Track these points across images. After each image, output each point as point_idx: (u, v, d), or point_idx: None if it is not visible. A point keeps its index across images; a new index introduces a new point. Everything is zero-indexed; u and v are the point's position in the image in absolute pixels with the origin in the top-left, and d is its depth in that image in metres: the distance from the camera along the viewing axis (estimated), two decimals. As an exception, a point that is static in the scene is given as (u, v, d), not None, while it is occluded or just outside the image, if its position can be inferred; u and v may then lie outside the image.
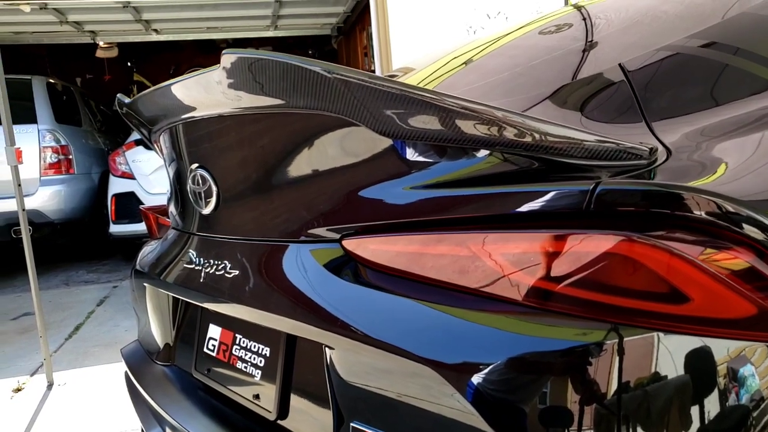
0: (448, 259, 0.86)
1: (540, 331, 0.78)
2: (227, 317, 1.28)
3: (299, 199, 1.06)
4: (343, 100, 0.89)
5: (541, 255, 0.78)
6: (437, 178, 0.89)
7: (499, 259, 0.82)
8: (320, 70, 0.87)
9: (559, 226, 0.78)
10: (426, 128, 0.84)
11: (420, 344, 0.84)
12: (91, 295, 4.60)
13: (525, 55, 1.41)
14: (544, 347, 0.76)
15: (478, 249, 0.83)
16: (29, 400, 2.72)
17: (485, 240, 0.83)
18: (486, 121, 0.80)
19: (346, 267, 0.98)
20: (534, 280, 0.78)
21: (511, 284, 0.80)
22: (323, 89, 0.90)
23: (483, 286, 0.82)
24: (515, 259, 0.80)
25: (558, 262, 0.76)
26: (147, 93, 1.28)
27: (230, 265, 1.16)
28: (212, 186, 1.19)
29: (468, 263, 0.84)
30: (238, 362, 1.24)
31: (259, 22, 7.32)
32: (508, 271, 0.80)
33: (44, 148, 5.30)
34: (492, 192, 0.85)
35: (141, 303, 1.66)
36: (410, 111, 0.83)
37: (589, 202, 0.75)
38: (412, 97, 0.82)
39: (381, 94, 0.84)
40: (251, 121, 1.08)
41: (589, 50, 1.25)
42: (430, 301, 0.86)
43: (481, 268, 0.83)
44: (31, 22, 6.69)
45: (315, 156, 1.03)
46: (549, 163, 0.83)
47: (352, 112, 0.89)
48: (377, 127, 0.88)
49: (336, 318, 0.93)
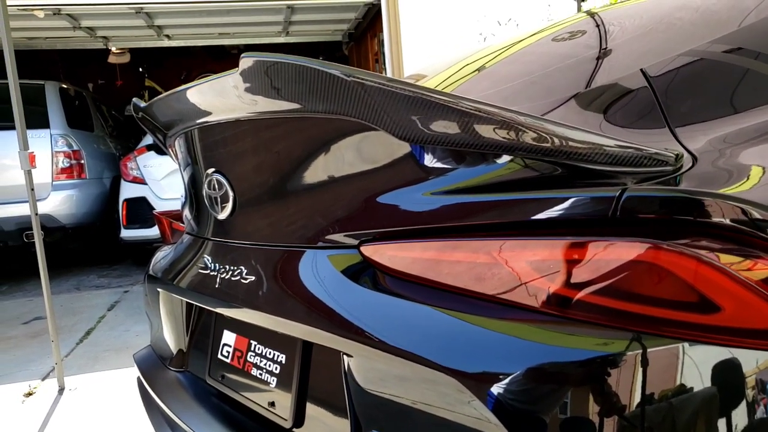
0: (468, 266, 0.85)
1: (563, 341, 0.77)
2: (242, 323, 1.27)
3: (316, 205, 1.06)
4: (362, 104, 0.88)
5: (565, 262, 0.76)
6: (457, 184, 0.88)
7: (521, 267, 0.80)
8: (339, 74, 0.87)
9: (584, 233, 0.77)
10: (447, 133, 0.83)
11: (440, 352, 0.82)
12: (102, 299, 4.61)
13: (541, 61, 1.40)
14: (567, 357, 0.75)
15: (499, 256, 0.82)
16: (41, 404, 2.72)
17: (507, 247, 0.82)
18: (509, 126, 0.79)
19: (365, 273, 0.97)
20: (558, 288, 0.76)
21: (533, 292, 0.78)
22: (342, 93, 0.89)
23: (504, 294, 0.81)
24: (538, 266, 0.78)
25: (582, 270, 0.75)
26: (163, 97, 1.28)
27: (246, 271, 1.16)
28: (228, 191, 1.18)
29: (489, 270, 0.83)
30: (253, 369, 1.23)
31: (270, 28, 7.35)
32: (530, 279, 0.79)
33: (56, 153, 5.33)
34: (514, 198, 0.83)
35: (154, 308, 1.66)
36: (431, 115, 0.82)
37: (615, 208, 0.74)
38: (433, 101, 0.81)
39: (402, 98, 0.83)
40: (268, 126, 1.08)
41: (607, 56, 1.23)
42: (450, 309, 0.85)
43: (503, 276, 0.82)
44: (44, 27, 6.76)
45: (333, 161, 1.02)
46: (572, 168, 0.82)
47: (372, 117, 0.89)
48: (397, 131, 0.87)
49: (354, 325, 0.92)
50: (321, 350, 1.06)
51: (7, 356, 3.40)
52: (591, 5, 4.45)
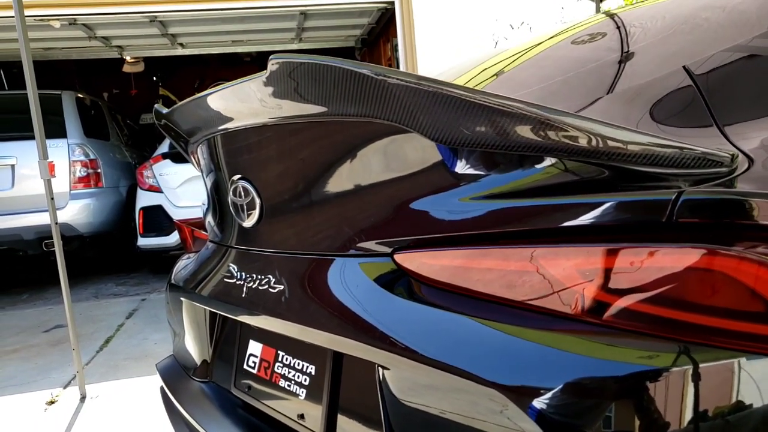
0: (510, 275, 0.81)
1: (610, 353, 0.73)
2: (269, 333, 1.24)
3: (347, 212, 1.03)
4: (395, 106, 0.85)
5: (617, 270, 0.73)
6: (497, 188, 0.85)
7: (567, 275, 0.77)
8: (371, 74, 0.84)
9: (636, 239, 0.73)
10: (488, 134, 0.79)
11: (480, 365, 0.79)
12: (120, 307, 4.61)
13: (571, 60, 1.36)
14: (615, 371, 0.71)
15: (543, 264, 0.78)
16: (63, 412, 2.72)
17: (552, 254, 0.78)
18: (554, 127, 0.75)
19: (399, 282, 0.94)
20: (609, 298, 0.73)
21: (581, 302, 0.75)
22: (374, 94, 0.86)
23: (549, 305, 0.77)
24: (586, 275, 0.75)
25: (635, 278, 0.71)
26: (186, 103, 1.25)
27: (274, 280, 1.13)
28: (255, 198, 1.16)
29: (532, 280, 0.79)
30: (281, 380, 1.20)
31: (283, 34, 7.36)
32: (577, 289, 0.75)
33: (74, 162, 5.36)
34: (558, 203, 0.80)
35: (177, 317, 1.64)
36: (472, 116, 0.79)
37: (671, 212, 0.70)
38: (474, 102, 0.78)
39: (439, 99, 0.80)
40: (297, 130, 1.05)
41: (642, 54, 1.19)
42: (490, 320, 0.81)
43: (547, 285, 0.78)
44: (60, 37, 6.82)
45: (363, 166, 0.99)
46: (619, 171, 0.78)
47: (406, 119, 0.85)
48: (433, 134, 0.84)
49: (390, 336, 0.89)
50: (353, 361, 1.03)
51: (29, 364, 3.41)
52: (608, 6, 4.39)
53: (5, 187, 5.15)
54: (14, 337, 3.98)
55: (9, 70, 7.81)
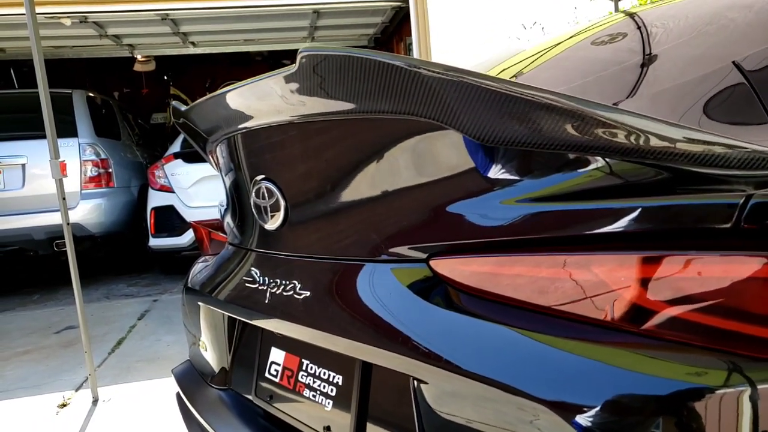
0: (557, 284, 0.76)
1: (666, 369, 0.68)
2: (292, 341, 1.19)
3: (378, 214, 0.98)
4: (434, 102, 0.80)
5: (679, 280, 0.67)
6: (545, 190, 0.79)
7: (621, 285, 0.71)
8: (406, 66, 0.79)
9: (699, 246, 0.68)
10: (537, 133, 0.74)
11: (526, 379, 0.74)
12: (132, 308, 4.59)
13: (605, 58, 1.31)
14: (670, 388, 0.66)
15: (598, 272, 0.73)
16: (75, 416, 2.68)
17: (604, 262, 0.73)
18: (609, 125, 0.70)
19: (436, 290, 0.88)
20: (669, 310, 0.68)
21: (638, 315, 0.70)
22: (410, 89, 0.81)
23: (601, 316, 0.72)
24: (644, 284, 0.69)
25: (699, 287, 0.66)
26: (207, 100, 1.21)
27: (300, 286, 1.08)
28: (279, 200, 1.11)
29: (583, 289, 0.74)
30: (306, 390, 1.15)
31: (296, 33, 7.32)
32: (633, 299, 0.70)
33: (85, 162, 5.33)
34: (612, 206, 0.74)
35: (193, 322, 1.59)
36: (518, 113, 0.74)
37: (738, 217, 0.65)
38: (521, 98, 0.72)
39: (483, 94, 0.75)
40: (325, 128, 1.00)
41: (684, 50, 1.14)
42: (536, 331, 0.76)
43: (599, 295, 0.73)
44: (71, 36, 6.81)
45: (396, 166, 0.94)
46: (679, 173, 0.72)
47: (445, 116, 0.80)
48: (475, 131, 0.79)
49: (426, 348, 0.84)
50: (383, 372, 0.98)
51: (41, 366, 3.38)
52: (624, 6, 4.32)
53: (16, 186, 5.13)
54: (25, 338, 3.95)
55: (19, 69, 7.82)
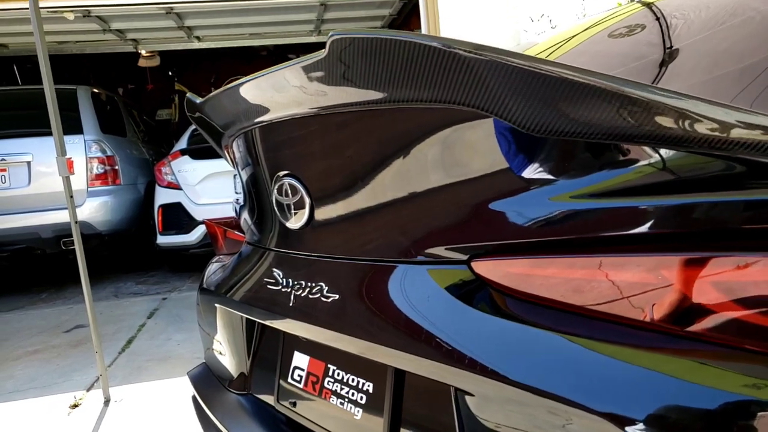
0: (619, 288, 0.70)
1: (740, 384, 0.61)
2: (317, 345, 1.13)
3: (414, 212, 0.91)
4: (479, 88, 0.73)
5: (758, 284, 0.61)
6: (603, 185, 0.72)
7: (692, 288, 0.65)
8: (448, 48, 0.72)
9: None
10: (596, 123, 0.67)
11: (585, 392, 0.68)
12: (140, 307, 4.54)
13: (645, 43, 1.23)
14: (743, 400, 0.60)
15: (666, 275, 0.66)
16: (87, 416, 2.64)
17: (676, 264, 0.66)
18: (677, 113, 0.63)
19: (479, 294, 0.82)
20: (745, 315, 0.61)
21: (712, 322, 0.63)
22: (453, 74, 0.74)
23: (670, 324, 0.66)
24: (720, 288, 0.63)
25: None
26: (225, 91, 1.14)
27: (327, 288, 1.01)
28: (304, 197, 1.04)
29: (648, 293, 0.68)
30: (332, 397, 1.09)
31: (302, 27, 7.24)
32: (706, 304, 0.63)
33: (91, 159, 5.28)
34: (680, 203, 0.67)
35: (209, 324, 1.53)
36: (577, 100, 0.67)
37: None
38: (582, 83, 0.65)
39: (535, 79, 0.68)
40: (356, 120, 0.93)
41: (733, 31, 1.06)
42: (597, 340, 0.70)
43: (666, 299, 0.66)
44: (74, 30, 6.74)
45: (434, 160, 0.87)
46: (756, 165, 0.65)
47: (490, 104, 0.74)
48: (524, 121, 0.72)
49: (470, 356, 0.78)
50: (419, 381, 0.92)
51: (51, 366, 3.34)
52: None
53: (22, 184, 5.08)
54: (35, 337, 3.91)
55: (22, 65, 7.76)
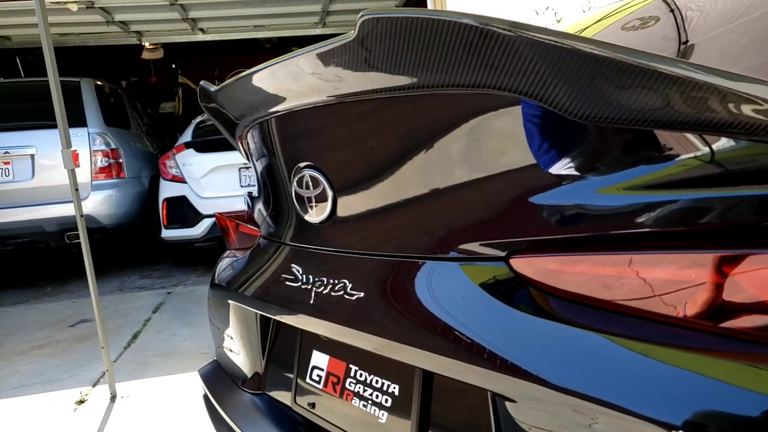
0: (678, 287, 0.65)
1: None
2: (337, 344, 1.08)
3: (446, 206, 0.86)
4: (523, 72, 0.68)
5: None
6: (655, 176, 0.67)
7: (757, 286, 0.60)
8: (489, 27, 0.67)
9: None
10: (652, 109, 0.62)
11: (637, 399, 0.63)
12: (145, 301, 4.50)
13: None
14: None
15: (729, 273, 0.61)
16: (93, 412, 2.60)
17: (737, 260, 0.61)
18: (740, 98, 0.57)
19: (519, 293, 0.77)
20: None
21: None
22: (493, 56, 0.69)
23: (730, 326, 0.61)
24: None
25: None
26: (241, 79, 1.08)
27: (351, 285, 0.97)
28: (326, 189, 0.99)
29: (704, 292, 0.63)
30: (355, 399, 1.05)
31: (307, 19, 7.16)
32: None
33: (95, 152, 5.22)
34: (742, 195, 0.62)
35: (221, 321, 1.49)
36: (633, 84, 0.61)
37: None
38: (638, 66, 0.60)
39: (587, 61, 0.63)
40: (384, 107, 0.88)
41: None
42: (653, 343, 0.65)
43: (730, 300, 0.61)
44: (77, 22, 6.67)
45: (468, 150, 0.82)
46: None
47: (534, 88, 0.69)
48: (571, 107, 0.67)
49: (510, 359, 0.73)
50: (450, 384, 0.87)
51: (56, 361, 3.30)
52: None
53: (25, 177, 5.04)
54: (39, 332, 3.88)
55: (25, 57, 7.70)
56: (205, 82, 1.22)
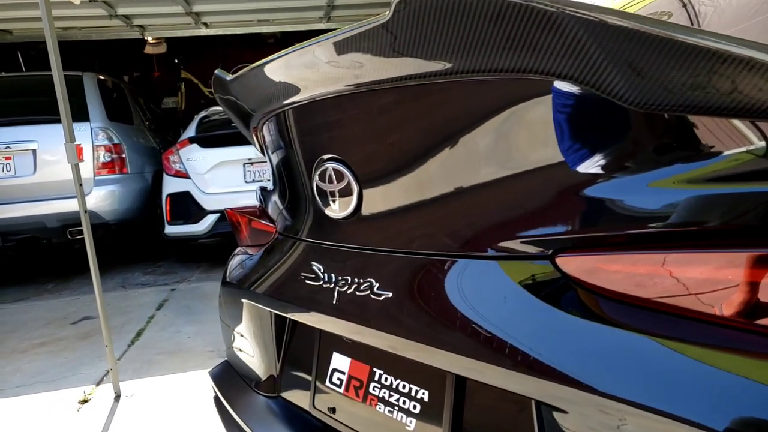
0: (744, 288, 0.59)
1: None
2: (360, 346, 1.03)
3: (484, 200, 0.80)
4: (574, 55, 0.62)
5: None
6: (717, 167, 0.61)
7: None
8: (538, 4, 0.62)
9: None
10: (721, 94, 0.56)
11: (701, 410, 0.57)
12: (149, 298, 4.45)
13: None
14: None
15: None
16: (97, 412, 2.55)
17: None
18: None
19: (567, 295, 0.71)
20: None
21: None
22: (541, 37, 0.64)
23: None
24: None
25: None
26: (260, 67, 1.03)
27: (379, 285, 0.91)
28: (352, 183, 0.94)
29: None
30: (379, 404, 0.99)
31: (311, 13, 7.09)
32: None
33: (97, 147, 5.16)
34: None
35: (233, 320, 1.43)
36: (702, 67, 0.56)
37: None
38: (710, 48, 0.55)
39: (650, 42, 0.57)
40: (417, 95, 0.82)
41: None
42: (726, 351, 0.59)
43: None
44: (80, 16, 6.60)
45: (509, 140, 0.76)
46: None
47: (586, 73, 0.63)
48: (628, 94, 0.61)
49: (558, 366, 0.67)
50: (487, 390, 0.81)
51: (59, 359, 3.25)
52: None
53: (27, 173, 4.98)
54: (41, 329, 3.83)
55: (27, 52, 7.64)
56: (220, 70, 1.16)
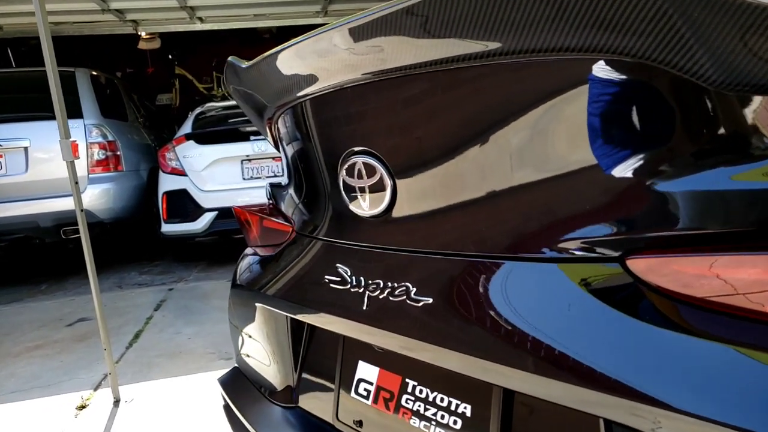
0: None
1: None
2: (390, 355, 0.95)
3: (540, 195, 0.72)
4: (655, 32, 0.55)
5: None
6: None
7: None
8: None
9: None
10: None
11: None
12: (146, 298, 4.35)
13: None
14: None
15: None
16: (96, 418, 2.46)
17: None
18: None
19: (642, 302, 0.63)
20: None
21: None
22: (613, 11, 0.56)
23: None
24: None
25: None
26: (277, 54, 0.94)
27: (416, 290, 0.83)
28: (384, 178, 0.85)
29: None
30: (413, 418, 0.91)
31: (308, 8, 6.97)
32: None
33: (91, 144, 5.05)
34: None
35: (245, 324, 1.35)
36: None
37: None
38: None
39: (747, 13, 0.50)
40: (458, 81, 0.74)
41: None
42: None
43: None
44: (72, 11, 6.46)
45: (568, 128, 0.68)
46: None
47: (668, 52, 0.55)
48: (714, 74, 0.54)
49: (631, 382, 0.60)
50: (541, 406, 0.74)
51: (54, 362, 3.15)
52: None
53: (19, 171, 4.86)
54: (36, 331, 3.72)
55: (17, 48, 7.49)
56: (234, 57, 1.08)
